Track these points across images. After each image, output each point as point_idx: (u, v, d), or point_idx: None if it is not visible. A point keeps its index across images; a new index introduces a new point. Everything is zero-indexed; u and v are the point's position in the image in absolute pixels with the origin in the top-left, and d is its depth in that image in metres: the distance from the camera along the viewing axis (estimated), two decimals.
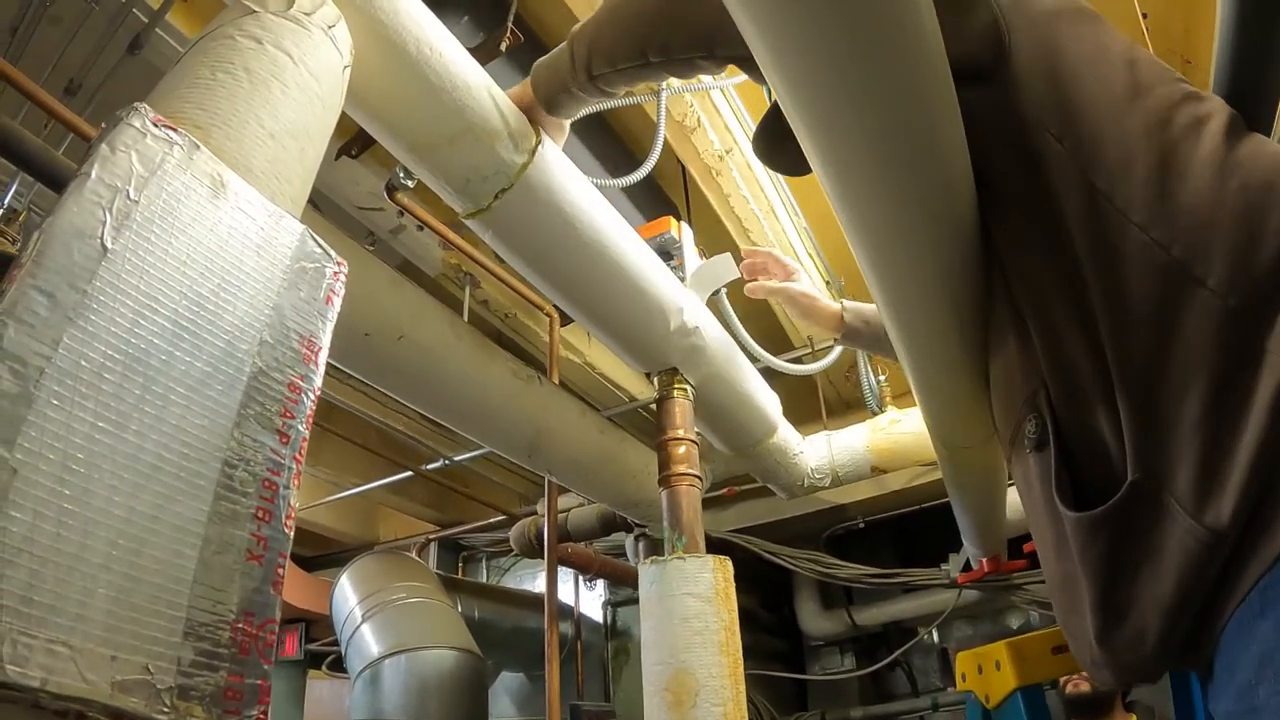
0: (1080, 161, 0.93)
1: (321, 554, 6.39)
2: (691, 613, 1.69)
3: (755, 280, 1.76)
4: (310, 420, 0.95)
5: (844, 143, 0.94)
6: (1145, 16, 2.99)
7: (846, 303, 1.82)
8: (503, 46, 2.19)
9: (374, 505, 6.02)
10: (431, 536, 5.67)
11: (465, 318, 3.21)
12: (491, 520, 5.21)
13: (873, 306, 1.94)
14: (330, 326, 1.00)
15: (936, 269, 1.11)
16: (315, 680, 5.50)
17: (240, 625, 0.75)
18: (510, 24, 2.22)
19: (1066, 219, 0.94)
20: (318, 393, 0.96)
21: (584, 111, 1.52)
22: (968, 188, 1.03)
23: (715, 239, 3.09)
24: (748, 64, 1.19)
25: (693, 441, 1.93)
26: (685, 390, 1.98)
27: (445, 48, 1.39)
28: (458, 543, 5.95)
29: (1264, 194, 0.84)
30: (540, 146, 1.51)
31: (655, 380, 2.00)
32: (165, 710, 0.67)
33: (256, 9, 1.17)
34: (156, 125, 0.90)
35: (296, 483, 0.92)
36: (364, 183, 2.78)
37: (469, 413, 1.95)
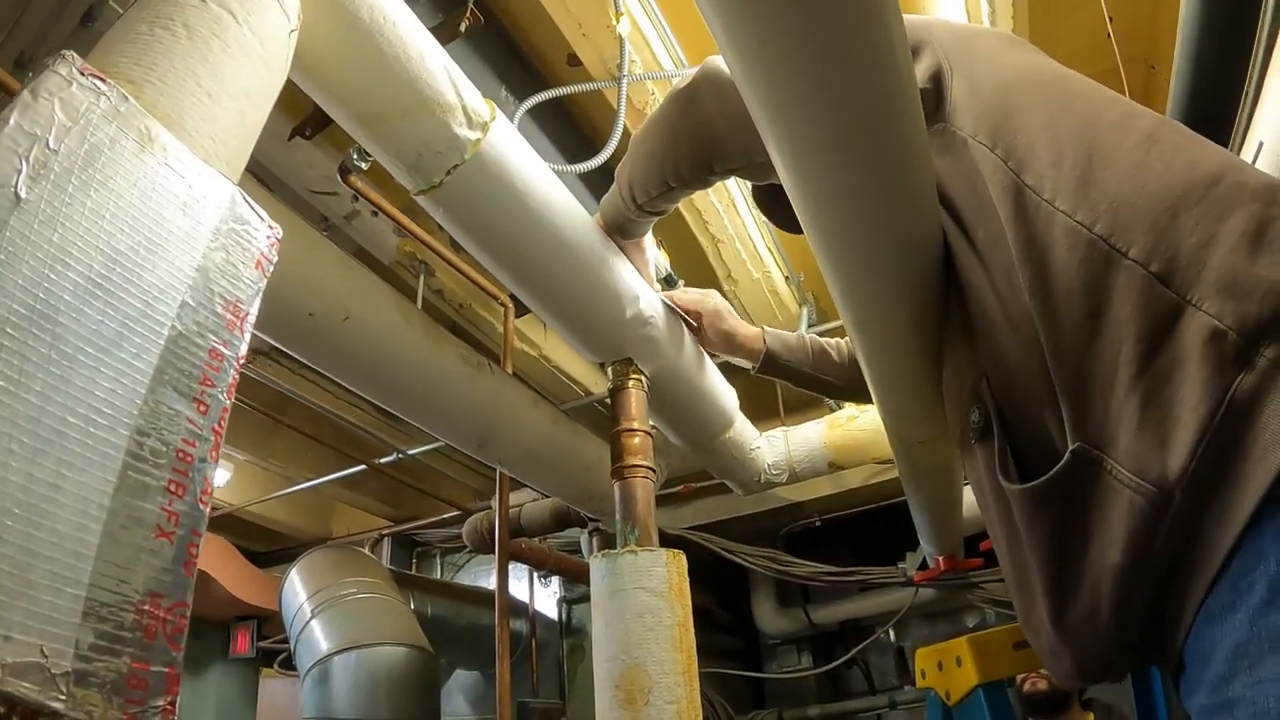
0: (1013, 164, 1.00)
1: (275, 549, 6.28)
2: (644, 608, 1.65)
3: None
4: (232, 389, 0.89)
5: (830, 194, 1.04)
6: (1111, 20, 3.02)
7: (768, 330, 2.06)
8: (462, 27, 2.13)
9: (327, 500, 5.92)
10: (385, 532, 5.59)
11: (419, 307, 3.17)
12: (445, 516, 5.15)
13: (795, 335, 2.06)
14: (259, 293, 0.95)
15: (899, 280, 1.17)
16: (268, 679, 5.40)
17: (146, 607, 0.69)
18: (470, 4, 2.17)
19: (1001, 217, 1.00)
20: (242, 361, 0.91)
21: (650, 226, 1.83)
22: (933, 213, 1.11)
23: (674, 232, 3.06)
24: (745, 172, 1.50)
25: (647, 433, 1.89)
26: (640, 381, 1.94)
27: (400, 18, 1.34)
28: (412, 539, 5.87)
29: (1186, 172, 0.87)
30: (494, 123, 1.46)
31: (609, 370, 1.96)
32: (60, 697, 0.62)
33: None
34: (84, 74, 0.84)
35: (214, 455, 0.87)
36: (318, 165, 2.70)
37: (417, 400, 1.88)
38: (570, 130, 2.80)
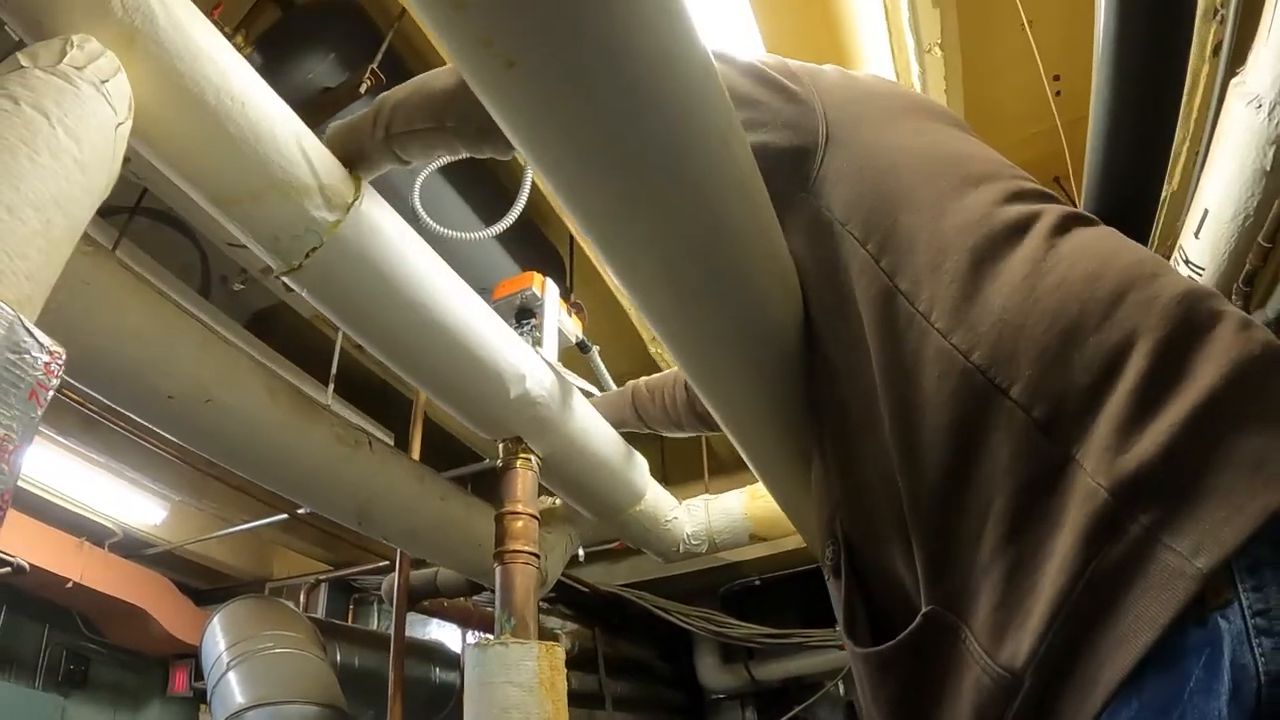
0: (885, 263, 0.87)
1: (216, 588, 6.13)
2: (511, 703, 1.59)
3: None
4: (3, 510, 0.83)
5: (669, 293, 0.96)
6: (1057, 79, 3.01)
7: (594, 399, 2.01)
8: (362, 89, 2.10)
9: (266, 543, 5.80)
10: (322, 577, 5.47)
11: (336, 362, 3.11)
12: (381, 565, 5.05)
13: (618, 394, 2.05)
14: (34, 423, 0.89)
15: (757, 393, 1.11)
16: (207, 718, 5.26)
17: None
18: (375, 65, 2.14)
19: (865, 326, 0.88)
20: (9, 494, 0.85)
21: (380, 167, 1.43)
22: (790, 312, 1.00)
23: (595, 294, 3.02)
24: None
25: (533, 516, 1.83)
26: (529, 460, 1.89)
27: (251, 97, 1.30)
28: (350, 584, 5.76)
29: (1086, 285, 0.75)
30: (358, 203, 1.42)
31: (499, 447, 1.91)
32: None
33: (25, 64, 1.08)
34: None
35: None
36: None
37: (288, 478, 1.83)
38: (492, 193, 2.76)
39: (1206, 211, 2.19)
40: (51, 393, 0.92)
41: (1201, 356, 0.68)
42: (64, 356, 0.94)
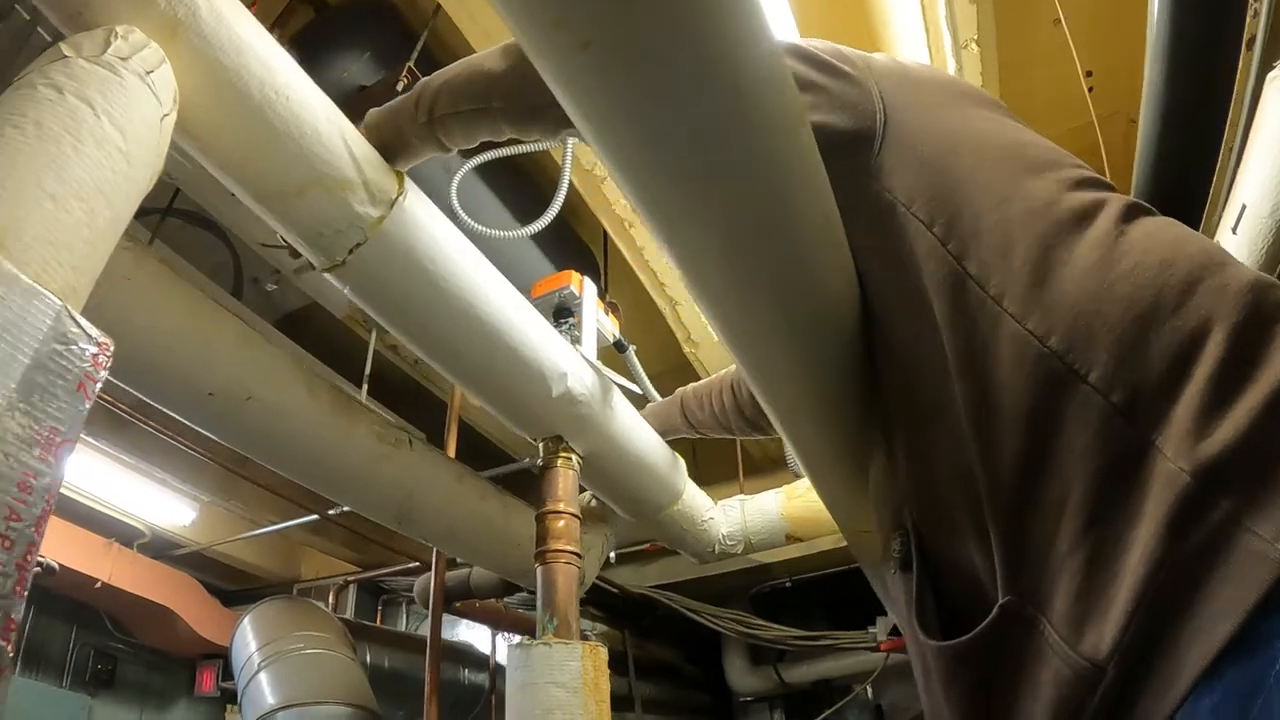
0: (952, 246, 0.86)
1: (244, 589, 6.14)
2: (555, 704, 1.57)
3: None
4: (43, 523, 0.82)
5: (724, 276, 0.92)
6: (1089, 74, 2.97)
7: (645, 410, 1.99)
8: (399, 87, 2.08)
9: (294, 544, 5.80)
10: (350, 579, 5.47)
11: (369, 363, 3.10)
12: (410, 565, 5.03)
13: (665, 403, 2.03)
14: (82, 415, 0.87)
15: (807, 375, 1.06)
16: (233, 718, 5.27)
17: None
18: (412, 63, 2.12)
19: (935, 312, 0.86)
20: (56, 490, 0.83)
21: (422, 154, 1.40)
22: (844, 296, 0.97)
23: (631, 294, 2.99)
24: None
25: (575, 516, 1.81)
26: (570, 460, 1.86)
27: (296, 91, 1.28)
28: (378, 585, 5.76)
29: (1159, 272, 0.75)
30: (402, 199, 1.39)
31: (540, 447, 1.88)
32: None
33: (69, 54, 1.06)
34: None
35: (19, 591, 0.79)
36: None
37: (328, 477, 1.81)
38: (526, 190, 2.74)
39: (1244, 206, 2.13)
40: (99, 385, 0.90)
41: (1275, 344, 0.68)
42: (112, 348, 0.92)
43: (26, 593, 0.81)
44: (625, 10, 0.65)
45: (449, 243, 1.49)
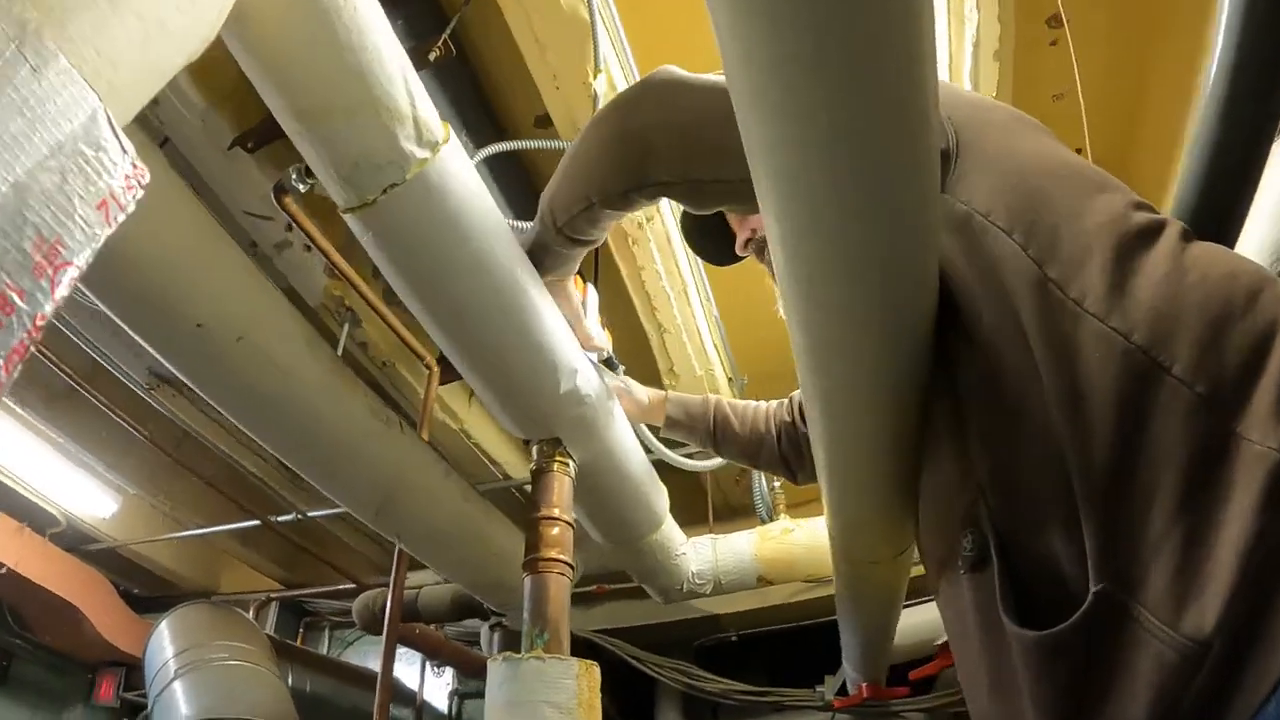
0: (1033, 251, 0.93)
1: (156, 595, 5.78)
2: None
3: None
4: (20, 354, 0.66)
5: (822, 251, 0.91)
6: (1078, 151, 2.98)
7: (671, 394, 1.93)
8: (432, 56, 1.98)
9: (218, 552, 5.49)
10: (274, 595, 5.20)
11: (339, 355, 2.93)
12: (340, 587, 4.81)
13: (700, 400, 1.93)
14: (95, 242, 0.73)
15: (883, 364, 1.04)
16: None
17: None
18: (446, 36, 2.02)
19: (1019, 312, 0.92)
20: (42, 320, 0.68)
21: (573, 260, 1.52)
22: (931, 291, 0.99)
23: (621, 317, 2.87)
24: (677, 191, 1.29)
25: (569, 524, 1.67)
26: (567, 465, 1.73)
27: (363, 2, 1.15)
28: (302, 606, 5.48)
29: (1226, 282, 0.84)
30: (445, 145, 1.28)
31: (534, 449, 1.74)
32: None
33: None
34: None
35: None
36: (254, 184, 2.46)
37: (313, 447, 1.62)
38: (527, 190, 2.63)
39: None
40: (124, 216, 0.76)
41: None
42: (147, 178, 0.78)
43: None
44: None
45: (484, 204, 1.38)
